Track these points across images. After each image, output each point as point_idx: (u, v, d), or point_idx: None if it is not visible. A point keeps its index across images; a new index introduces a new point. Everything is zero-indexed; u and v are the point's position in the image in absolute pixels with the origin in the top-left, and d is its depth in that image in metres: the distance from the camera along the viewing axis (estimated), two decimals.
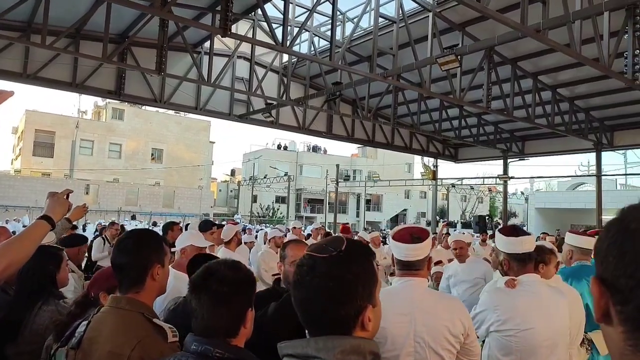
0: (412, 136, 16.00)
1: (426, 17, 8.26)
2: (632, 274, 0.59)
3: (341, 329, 0.98)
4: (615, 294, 0.62)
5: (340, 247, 1.01)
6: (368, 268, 1.03)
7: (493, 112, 9.87)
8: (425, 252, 2.01)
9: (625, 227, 0.63)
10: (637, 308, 0.59)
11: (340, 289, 0.97)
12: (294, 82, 11.52)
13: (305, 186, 44.06)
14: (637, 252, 0.60)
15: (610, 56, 6.73)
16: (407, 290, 1.98)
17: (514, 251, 2.29)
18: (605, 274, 0.64)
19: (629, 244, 0.61)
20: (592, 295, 0.65)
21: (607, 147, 13.27)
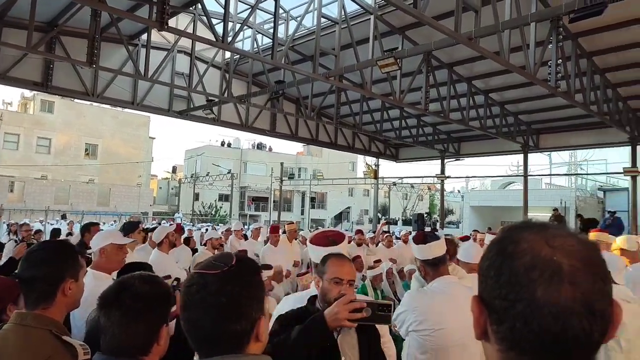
0: (355, 136, 16.27)
1: (368, 20, 8.40)
2: (505, 296, 0.62)
3: (236, 345, 0.97)
4: (492, 314, 0.64)
5: (230, 262, 1.00)
6: (259, 281, 1.05)
7: (431, 114, 10.24)
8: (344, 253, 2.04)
9: (503, 249, 0.65)
10: (510, 329, 0.61)
11: (235, 304, 0.97)
12: (236, 79, 11.33)
13: (250, 184, 43.52)
14: (512, 275, 0.62)
15: (536, 64, 7.17)
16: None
17: (426, 257, 2.36)
18: (484, 294, 0.66)
19: (505, 266, 0.63)
20: (473, 312, 0.67)
21: (534, 149, 14.19)
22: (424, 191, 44.69)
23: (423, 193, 46.77)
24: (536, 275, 0.60)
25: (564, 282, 0.59)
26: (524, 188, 14.52)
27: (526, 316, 0.59)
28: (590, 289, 0.59)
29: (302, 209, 45.47)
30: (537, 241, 0.63)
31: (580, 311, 0.58)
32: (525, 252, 0.62)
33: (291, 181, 39.23)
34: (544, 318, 0.58)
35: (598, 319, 0.59)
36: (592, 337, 0.59)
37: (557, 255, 0.61)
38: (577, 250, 0.62)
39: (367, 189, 47.00)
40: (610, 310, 0.61)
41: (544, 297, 0.59)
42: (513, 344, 0.62)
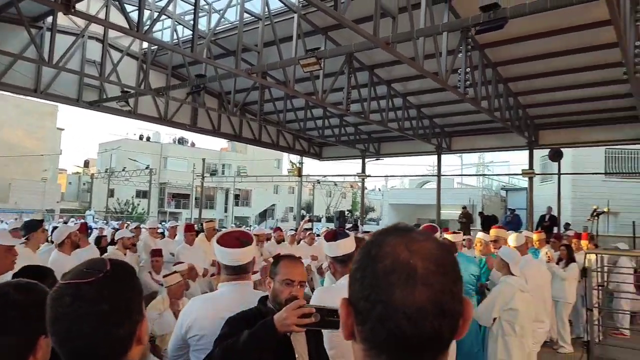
0: (279, 133, 16.25)
1: (291, 18, 8.42)
2: (367, 297, 0.65)
3: (119, 350, 0.95)
4: (357, 315, 0.67)
5: (104, 268, 0.97)
6: (138, 283, 1.04)
7: (352, 114, 10.53)
8: (252, 255, 2.06)
9: (368, 252, 0.69)
10: (371, 330, 0.65)
11: (116, 309, 0.94)
12: (154, 70, 10.82)
13: (170, 180, 41.82)
14: (374, 277, 0.65)
15: (447, 71, 7.64)
16: (233, 294, 2.01)
17: (335, 254, 2.44)
18: (351, 296, 0.69)
19: (369, 269, 0.67)
20: (341, 314, 0.70)
21: (446, 150, 15.13)
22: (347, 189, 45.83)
23: (346, 191, 47.97)
24: (395, 278, 0.64)
25: (418, 284, 0.63)
26: (437, 187, 15.43)
27: (383, 317, 0.63)
28: (442, 290, 0.64)
29: (226, 207, 44.59)
30: (398, 245, 0.67)
31: (432, 312, 0.63)
32: (386, 256, 0.66)
33: (214, 178, 38.26)
34: (399, 319, 0.62)
35: (447, 319, 0.64)
36: (442, 335, 0.64)
37: (413, 259, 0.65)
38: (433, 254, 0.67)
39: (293, 187, 47.21)
40: (460, 308, 0.67)
41: (400, 299, 0.63)
42: (373, 344, 0.65)
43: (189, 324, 1.98)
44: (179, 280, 4.51)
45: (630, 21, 5.93)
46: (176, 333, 2.04)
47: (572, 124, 12.71)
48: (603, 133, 12.49)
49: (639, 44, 6.30)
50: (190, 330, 1.97)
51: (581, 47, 8.46)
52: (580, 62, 9.07)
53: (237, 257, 2.01)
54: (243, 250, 2.02)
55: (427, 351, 0.64)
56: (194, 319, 1.98)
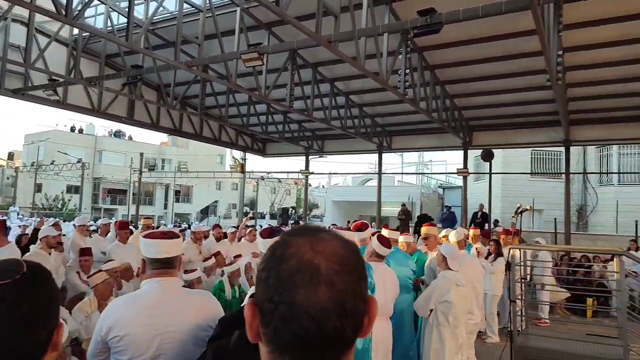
0: (221, 128, 15.92)
1: (234, 11, 8.26)
2: (271, 298, 0.64)
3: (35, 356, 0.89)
4: (262, 317, 0.66)
5: (20, 269, 0.91)
6: (54, 285, 0.99)
7: (295, 111, 10.51)
8: (180, 249, 2.00)
9: (274, 252, 0.68)
10: (274, 330, 0.64)
11: (35, 313, 0.88)
12: (86, 58, 10.21)
13: (105, 175, 39.76)
14: (278, 278, 0.65)
15: (387, 72, 7.82)
16: (157, 292, 1.95)
17: None
18: (257, 297, 0.68)
19: (273, 270, 0.66)
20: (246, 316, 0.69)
21: (387, 149, 15.53)
22: (291, 186, 45.87)
23: (290, 188, 47.99)
24: (299, 278, 0.64)
25: (321, 284, 0.63)
26: (378, 185, 15.81)
27: (287, 318, 0.63)
28: (345, 290, 0.64)
29: (166, 203, 43.10)
30: (303, 245, 0.67)
31: (334, 311, 0.63)
32: (291, 256, 0.66)
33: (152, 173, 36.82)
34: (302, 319, 0.62)
35: (349, 318, 0.64)
36: (345, 335, 0.64)
37: (317, 259, 0.65)
38: (337, 253, 0.67)
39: (236, 183, 46.49)
40: (364, 307, 0.67)
41: (303, 299, 0.62)
42: (277, 345, 0.65)
43: (109, 326, 1.88)
44: (105, 278, 4.28)
45: (554, 31, 6.37)
46: (95, 336, 1.94)
47: (503, 126, 13.48)
48: (530, 135, 13.36)
49: (561, 53, 6.80)
50: (111, 331, 1.87)
51: (511, 54, 8.98)
52: (510, 68, 9.63)
53: (163, 249, 1.94)
54: (169, 242, 1.95)
55: (329, 351, 0.64)
56: (115, 320, 1.89)
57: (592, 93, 10.67)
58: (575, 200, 18.78)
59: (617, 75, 9.55)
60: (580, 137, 12.79)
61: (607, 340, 4.99)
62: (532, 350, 4.63)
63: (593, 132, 12.63)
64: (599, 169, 19.85)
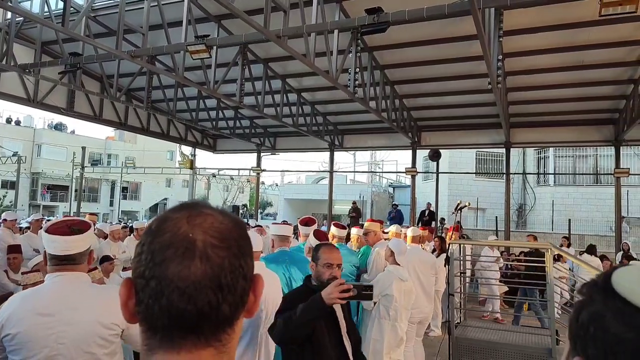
0: (169, 123, 15.44)
1: (182, 2, 8.01)
2: (143, 274, 0.61)
3: None
4: (136, 294, 0.63)
5: None
6: None
7: (245, 107, 10.36)
8: (86, 245, 1.90)
9: (150, 228, 0.65)
10: (146, 308, 0.61)
11: None
12: (21, 44, 9.56)
13: (45, 170, 37.58)
14: (150, 252, 0.62)
15: (337, 70, 7.86)
16: (56, 287, 1.83)
17: None
18: (132, 274, 0.65)
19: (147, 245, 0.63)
20: (120, 296, 0.65)
21: (339, 147, 15.64)
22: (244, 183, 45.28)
23: (244, 185, 47.36)
24: (171, 252, 0.61)
25: (195, 258, 0.61)
26: (329, 183, 15.91)
27: (157, 293, 0.60)
28: (221, 265, 0.62)
29: (112, 200, 41.36)
30: (179, 219, 0.64)
31: (209, 286, 0.60)
32: (166, 230, 0.63)
33: (96, 168, 35.21)
34: (172, 294, 0.59)
35: (227, 293, 0.62)
36: (221, 310, 0.62)
37: (194, 232, 0.62)
38: (216, 227, 0.64)
39: (187, 180, 45.28)
40: (245, 284, 0.65)
41: (174, 273, 0.60)
42: (149, 323, 0.62)
43: (1, 323, 1.74)
44: (39, 280, 4.03)
45: (494, 37, 6.63)
46: None
47: (449, 127, 13.93)
48: (474, 137, 13.90)
49: (501, 58, 7.10)
50: (4, 329, 1.73)
51: (456, 56, 9.28)
52: (456, 70, 9.96)
53: (63, 245, 1.83)
54: (71, 238, 1.84)
55: (205, 328, 0.62)
56: (8, 316, 1.75)
57: (531, 97, 11.25)
58: (515, 199, 19.80)
59: (554, 81, 10.11)
60: (520, 139, 13.45)
61: (538, 331, 5.28)
62: (468, 341, 4.82)
63: (532, 135, 13.32)
64: (537, 170, 21.02)
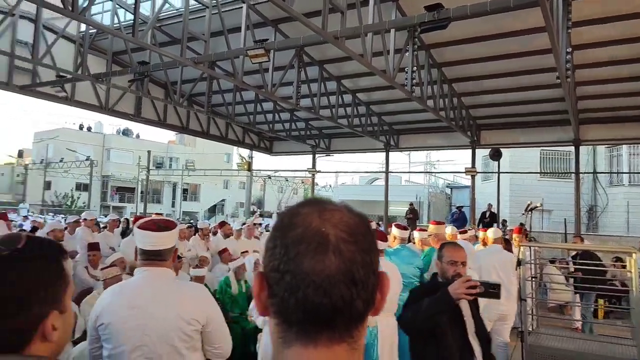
0: (228, 126, 15.93)
1: (240, 8, 8.24)
2: (277, 267, 0.62)
3: (14, 343, 0.82)
4: (269, 288, 0.64)
5: (15, 244, 0.86)
6: (53, 268, 0.90)
7: (302, 109, 10.47)
8: (171, 242, 1.97)
9: (280, 222, 0.66)
10: (281, 301, 0.62)
11: (12, 296, 0.82)
12: (94, 55, 10.25)
13: (114, 173, 40.04)
14: (283, 246, 0.63)
15: (394, 70, 7.76)
16: (143, 281, 1.92)
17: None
18: (264, 269, 0.66)
19: (279, 239, 0.64)
20: (254, 288, 0.67)
21: (394, 148, 15.44)
22: (298, 185, 45.83)
23: (298, 187, 47.96)
24: (304, 246, 0.61)
25: (329, 253, 0.61)
26: (385, 184, 15.72)
27: (292, 287, 0.61)
28: (353, 259, 0.62)
29: (173, 201, 43.31)
30: (310, 214, 0.65)
31: (342, 280, 0.61)
32: (297, 225, 0.64)
33: (159, 171, 37.01)
34: (307, 288, 0.60)
35: (360, 288, 0.62)
36: (354, 305, 0.62)
37: (325, 226, 0.63)
38: (345, 222, 0.64)
39: (243, 182, 46.55)
40: (375, 280, 0.64)
41: (309, 268, 0.60)
42: (284, 317, 0.63)
43: (97, 313, 1.87)
44: (117, 274, 4.30)
45: (563, 28, 6.27)
46: (88, 325, 1.94)
47: (511, 125, 13.34)
48: (539, 135, 13.21)
49: (570, 51, 6.69)
50: (99, 319, 1.86)
51: (519, 51, 8.87)
52: (518, 66, 9.52)
53: (152, 241, 1.92)
54: (159, 234, 1.93)
55: (339, 322, 0.62)
56: (102, 307, 1.88)
57: (601, 91, 10.52)
58: (585, 200, 18.57)
59: (628, 74, 9.41)
60: (590, 136, 12.62)
61: (620, 341, 4.89)
62: (543, 350, 4.55)
63: (603, 131, 12.45)
64: (609, 169, 19.60)
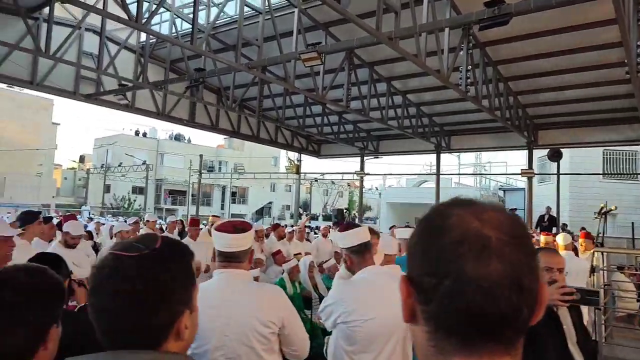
0: (277, 130, 16.16)
1: (292, 13, 8.34)
2: (434, 272, 0.58)
3: (151, 339, 0.85)
4: (419, 293, 0.60)
5: (153, 244, 0.88)
6: (187, 268, 0.93)
7: (352, 111, 10.45)
8: (247, 244, 1.99)
9: (431, 224, 0.62)
10: (439, 306, 0.58)
11: (153, 293, 0.84)
12: (152, 64, 10.71)
13: (167, 176, 41.65)
14: (440, 250, 0.59)
15: (449, 69, 7.57)
16: (221, 282, 1.94)
17: (350, 244, 2.38)
18: (411, 273, 0.62)
19: (433, 241, 0.60)
20: (401, 293, 0.63)
21: (445, 149, 15.08)
22: (343, 187, 45.78)
23: (343, 189, 47.91)
24: (465, 249, 0.57)
25: (493, 257, 0.57)
26: (436, 186, 15.38)
27: (453, 292, 0.56)
28: (518, 264, 0.58)
29: (222, 204, 44.46)
30: (466, 215, 0.60)
31: (509, 286, 0.56)
32: (454, 226, 0.60)
33: (211, 174, 38.13)
34: (473, 294, 0.56)
35: (526, 295, 0.57)
36: (522, 313, 0.57)
37: (485, 229, 0.59)
38: (505, 224, 0.60)
39: (289, 185, 47.07)
40: (537, 286, 0.60)
41: (473, 272, 0.56)
42: (440, 324, 0.58)
43: None
44: None
45: (633, 20, 5.89)
46: None
47: (572, 124, 12.69)
48: (602, 134, 12.48)
49: None
50: None
51: (582, 46, 8.43)
52: (581, 61, 9.04)
53: (229, 242, 1.95)
54: (236, 236, 1.95)
55: (505, 332, 0.57)
56: None
57: None
58: None
59: None
60: None
61: None
62: None
63: None
64: None
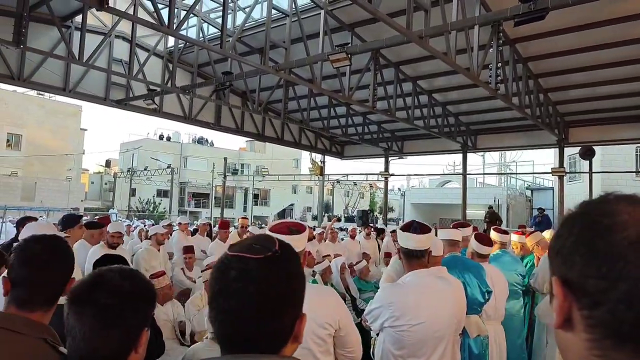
0: (301, 132, 16.21)
1: (318, 14, 8.35)
2: (605, 274, 0.53)
3: (276, 343, 0.84)
4: (581, 297, 0.56)
5: (273, 246, 0.86)
6: (302, 272, 0.91)
7: (378, 112, 10.39)
8: (301, 245, 1.99)
9: (595, 222, 0.57)
10: (610, 312, 0.53)
11: (280, 297, 0.83)
12: (180, 68, 10.87)
13: (190, 179, 42.25)
14: (612, 250, 0.54)
15: (478, 67, 7.46)
16: None
17: (406, 245, 2.36)
18: (570, 275, 0.57)
19: (602, 241, 0.55)
20: (556, 297, 0.58)
21: (472, 149, 14.85)
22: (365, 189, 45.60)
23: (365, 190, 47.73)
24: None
25: None
26: (462, 186, 15.17)
27: (632, 297, 0.52)
28: None
29: (245, 206, 44.83)
30: (638, 212, 0.55)
31: None
32: (626, 225, 0.54)
33: (234, 177, 38.52)
34: None
35: None
36: None
37: None
38: None
39: (311, 186, 47.17)
40: None
41: None
42: (611, 331, 0.53)
43: None
44: None
45: None
46: None
47: (603, 121, 12.34)
48: (635, 130, 12.10)
49: None
50: None
51: (614, 41, 8.19)
52: (613, 56, 8.79)
53: None
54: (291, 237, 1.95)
55: None
56: None
57: None
58: None
59: None
60: None
61: None
62: None
63: None
64: None
